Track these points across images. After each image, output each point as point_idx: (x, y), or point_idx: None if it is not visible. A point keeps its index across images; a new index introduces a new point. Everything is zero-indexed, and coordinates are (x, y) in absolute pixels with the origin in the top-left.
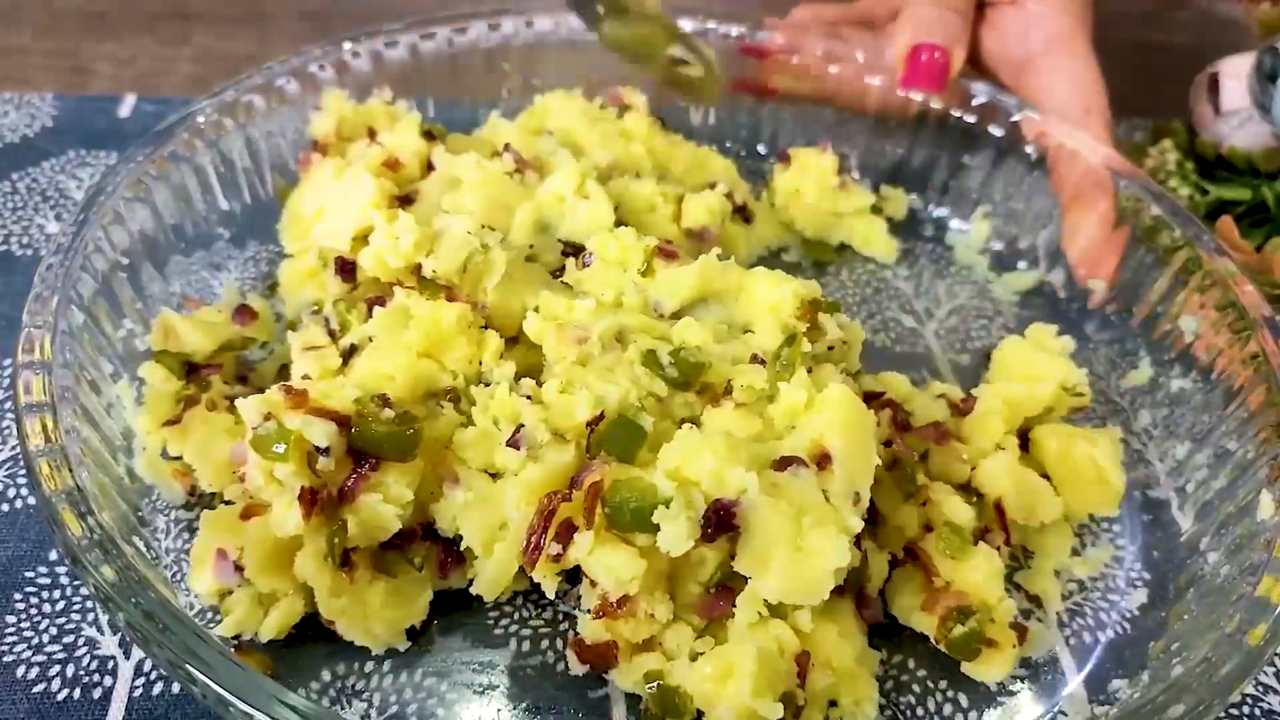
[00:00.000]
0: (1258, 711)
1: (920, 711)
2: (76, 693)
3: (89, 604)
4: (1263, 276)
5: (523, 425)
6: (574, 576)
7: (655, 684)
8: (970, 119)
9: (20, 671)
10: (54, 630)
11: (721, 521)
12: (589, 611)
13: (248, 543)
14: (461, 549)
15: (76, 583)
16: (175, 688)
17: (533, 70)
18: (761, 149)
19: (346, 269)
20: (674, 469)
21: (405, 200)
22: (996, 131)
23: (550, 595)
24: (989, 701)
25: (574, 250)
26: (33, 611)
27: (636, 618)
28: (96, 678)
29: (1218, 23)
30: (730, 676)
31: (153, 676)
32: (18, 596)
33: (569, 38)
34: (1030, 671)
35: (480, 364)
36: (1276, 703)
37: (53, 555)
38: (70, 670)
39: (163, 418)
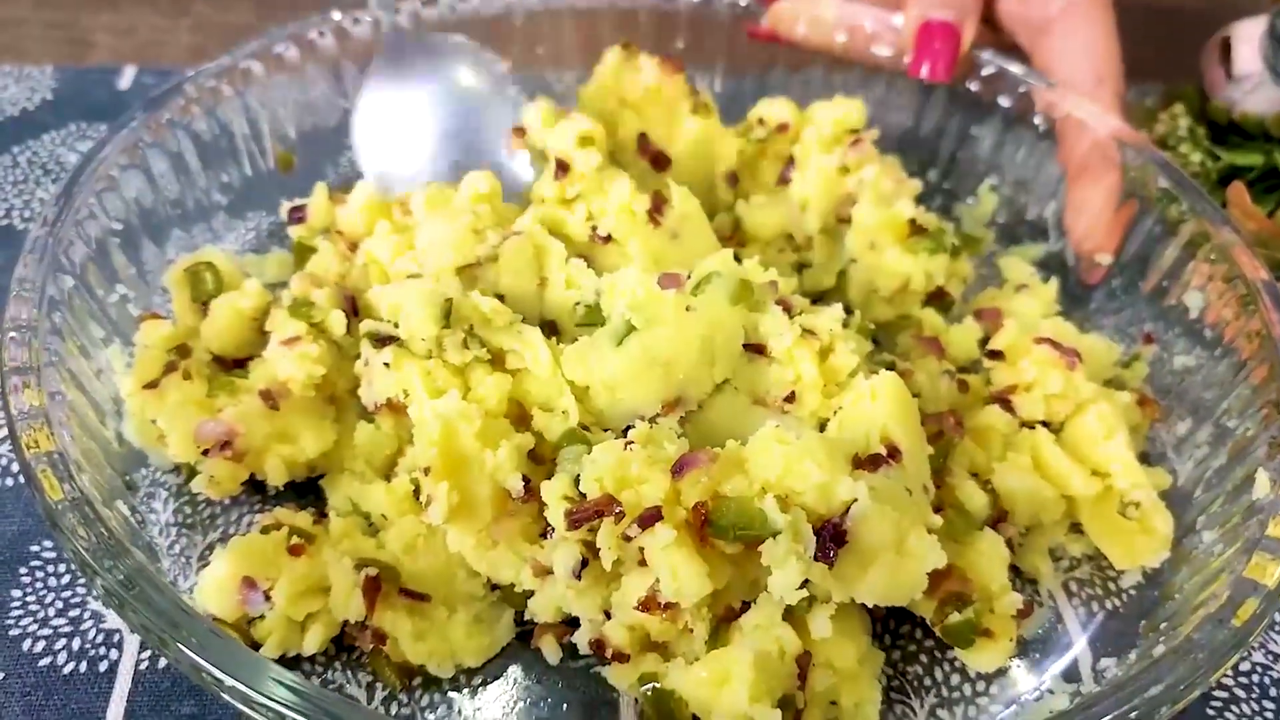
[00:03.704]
0: (1268, 680)
1: (917, 682)
2: (83, 666)
3: None
4: (1275, 242)
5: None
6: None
7: (651, 686)
8: (978, 89)
9: (26, 645)
10: (60, 604)
11: (837, 539)
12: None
13: (284, 576)
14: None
15: None
16: None
17: (537, 39)
18: None
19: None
20: (776, 481)
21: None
22: (1005, 102)
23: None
24: (977, 674)
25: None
26: (39, 585)
27: (675, 626)
28: (102, 651)
29: None
30: (727, 681)
31: None
32: (23, 571)
33: (573, 6)
34: (1021, 648)
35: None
36: None
37: None
38: (76, 644)
39: (146, 379)
